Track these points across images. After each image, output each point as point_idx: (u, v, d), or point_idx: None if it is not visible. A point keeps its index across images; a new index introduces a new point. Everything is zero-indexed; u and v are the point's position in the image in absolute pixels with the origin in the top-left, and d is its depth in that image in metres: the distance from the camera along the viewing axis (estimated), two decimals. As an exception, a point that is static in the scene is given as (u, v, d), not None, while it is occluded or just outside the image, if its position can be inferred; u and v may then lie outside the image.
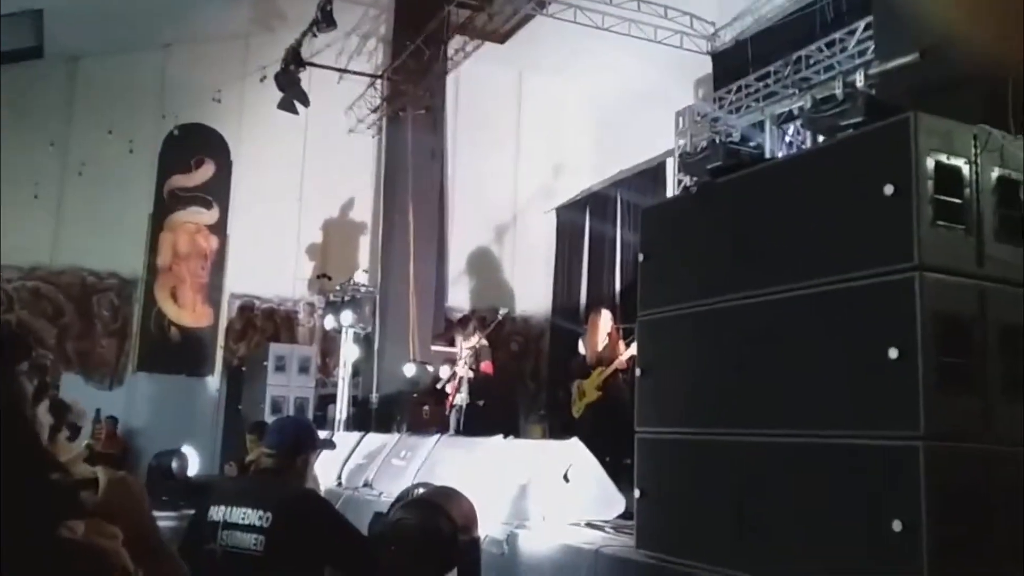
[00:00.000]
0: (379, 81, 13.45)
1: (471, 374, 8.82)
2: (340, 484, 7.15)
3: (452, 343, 10.16)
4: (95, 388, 12.65)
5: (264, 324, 13.97)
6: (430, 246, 12.97)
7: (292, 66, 11.53)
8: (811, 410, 3.48)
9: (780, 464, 3.58)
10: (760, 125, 9.81)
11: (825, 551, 3.32)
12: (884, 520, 3.07)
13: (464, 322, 9.60)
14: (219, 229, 13.86)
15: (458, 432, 8.42)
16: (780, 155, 8.75)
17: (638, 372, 4.32)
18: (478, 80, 14.02)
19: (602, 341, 7.79)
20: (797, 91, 9.16)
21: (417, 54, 11.65)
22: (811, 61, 9.25)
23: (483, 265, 14.96)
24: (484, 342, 9.01)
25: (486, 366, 9.00)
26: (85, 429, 8.61)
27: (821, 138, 4.09)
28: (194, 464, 11.02)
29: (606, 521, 5.04)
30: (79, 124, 13.14)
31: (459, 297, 14.53)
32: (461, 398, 8.76)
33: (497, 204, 15.02)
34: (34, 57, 12.53)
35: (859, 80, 3.95)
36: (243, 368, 12.99)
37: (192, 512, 3.81)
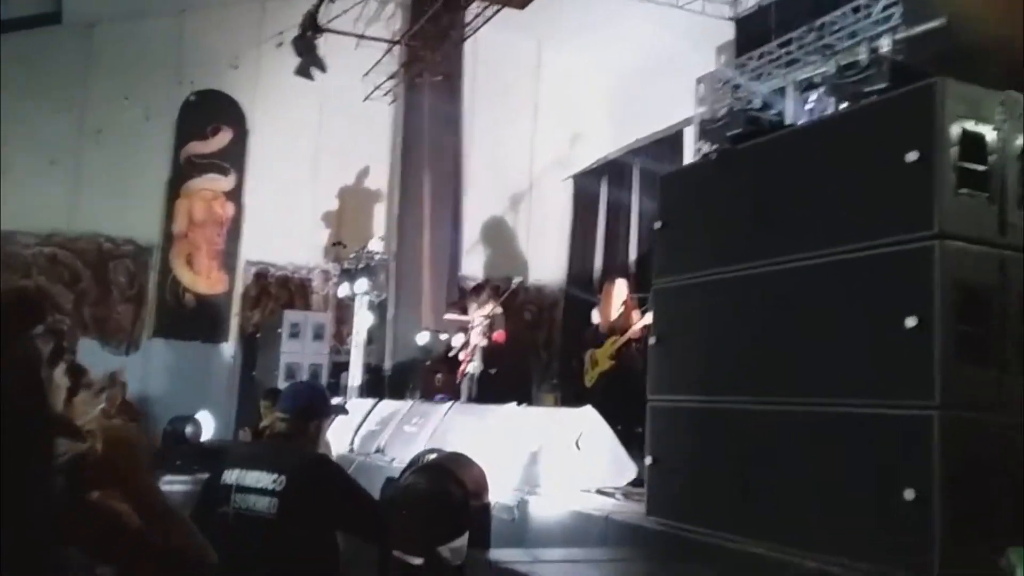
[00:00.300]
0: (396, 47, 13.35)
1: (484, 342, 8.81)
2: (352, 450, 7.19)
3: (465, 311, 10.15)
4: (111, 353, 12.71)
5: (279, 291, 13.98)
6: (445, 214, 12.93)
7: (309, 32, 11.44)
8: (826, 379, 3.45)
9: (793, 432, 3.55)
10: (782, 92, 9.66)
11: (837, 519, 3.30)
12: (896, 489, 3.04)
13: (478, 290, 9.56)
14: (235, 196, 13.84)
15: (470, 400, 8.44)
16: (801, 122, 8.64)
17: (652, 340, 4.29)
18: (496, 47, 13.88)
19: (616, 310, 7.76)
20: (820, 58, 9.01)
21: (435, 19, 11.55)
22: (835, 27, 9.08)
23: (498, 233, 14.91)
24: (498, 310, 8.99)
25: (499, 335, 8.97)
26: (106, 393, 8.69)
27: (845, 104, 4.02)
28: (208, 429, 11.10)
29: (617, 488, 5.03)
30: (96, 90, 13.10)
31: (473, 265, 14.48)
32: (474, 366, 8.75)
33: (513, 172, 14.92)
34: (52, 23, 12.53)
35: (884, 46, 3.88)
36: (258, 335, 13.03)
37: (206, 476, 3.83)
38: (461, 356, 9.06)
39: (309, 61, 11.70)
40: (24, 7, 12.10)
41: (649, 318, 5.52)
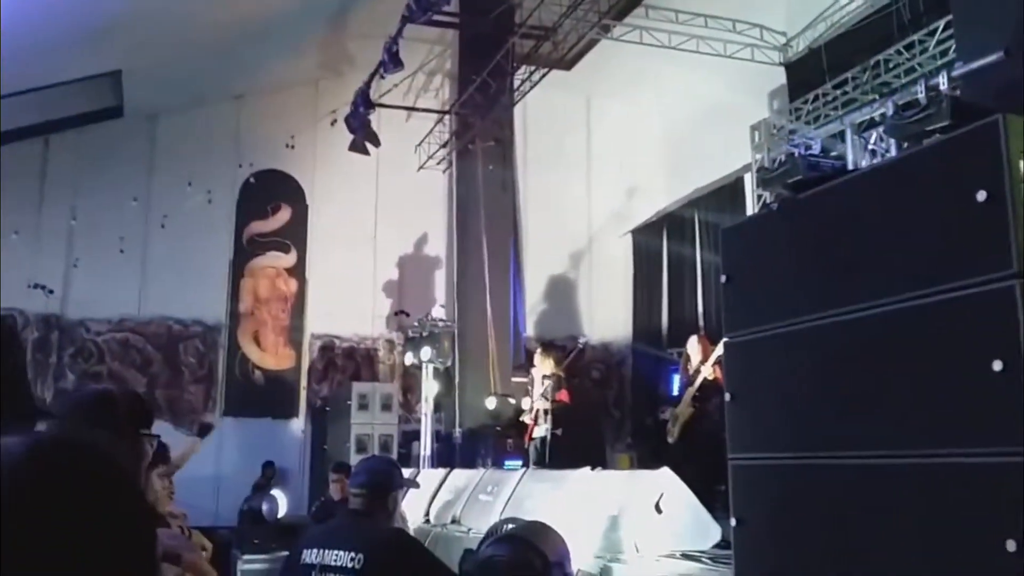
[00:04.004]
0: (447, 117, 13.57)
1: (548, 404, 8.77)
2: (428, 521, 7.13)
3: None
4: (184, 434, 12.86)
5: (345, 363, 14.11)
6: (505, 277, 12.96)
7: (361, 108, 11.69)
8: (910, 429, 3.32)
9: (880, 487, 3.42)
10: (840, 135, 9.57)
11: (933, 575, 3.16)
12: (995, 541, 2.90)
13: (545, 351, 9.52)
14: (297, 272, 14.10)
15: (539, 465, 8.36)
16: (863, 165, 8.49)
17: (727, 397, 4.20)
18: (546, 107, 14.03)
19: (694, 367, 7.73)
20: (877, 97, 8.90)
21: (483, 87, 11.72)
22: (890, 65, 9.00)
23: (560, 293, 14.90)
24: (557, 370, 8.99)
25: (562, 394, 8.94)
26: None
27: (906, 145, 3.95)
28: (283, 506, 11.12)
29: (703, 552, 4.89)
30: (159, 178, 13.54)
31: (538, 327, 14.48)
32: (541, 430, 8.70)
33: (571, 230, 14.98)
34: (115, 117, 13.01)
35: (942, 83, 3.81)
36: (327, 408, 13.12)
37: (285, 554, 3.82)
38: (526, 420, 9.02)
39: (363, 136, 11.94)
40: (87, 103, 12.59)
41: (719, 350, 5.43)
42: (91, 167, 13.06)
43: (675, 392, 8.29)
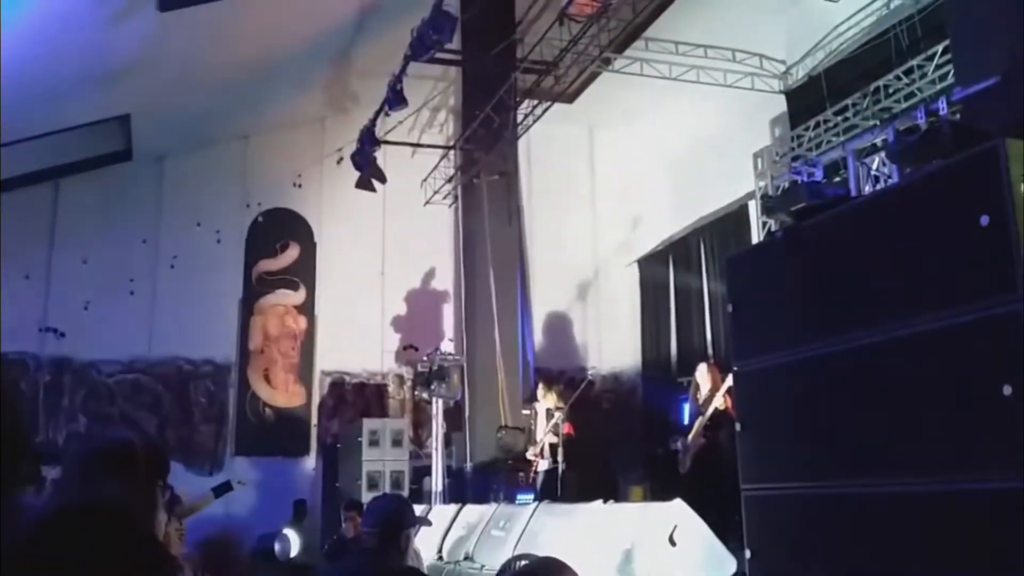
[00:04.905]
0: (452, 152, 13.65)
1: (554, 438, 8.80)
2: (441, 558, 7.09)
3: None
4: (195, 475, 12.86)
5: (355, 399, 14.09)
6: (513, 310, 12.95)
7: (367, 145, 11.77)
8: (921, 456, 3.31)
9: (893, 514, 3.40)
10: (842, 161, 9.60)
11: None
12: (1011, 567, 2.88)
13: (549, 384, 9.56)
14: (307, 309, 14.12)
15: (554, 499, 8.34)
16: (866, 190, 8.51)
17: (738, 427, 4.18)
18: (550, 140, 14.10)
19: (704, 396, 7.73)
20: (878, 122, 8.94)
21: (487, 122, 11.79)
22: (890, 90, 9.04)
23: (568, 324, 14.90)
24: (560, 404, 9.03)
25: (567, 428, 8.97)
26: None
27: (907, 171, 3.96)
28: (296, 545, 11.06)
29: (717, 583, 4.86)
30: (168, 219, 13.62)
31: (546, 358, 14.46)
32: (544, 464, 8.71)
33: (578, 261, 15.00)
34: (124, 160, 13.13)
35: (942, 108, 3.83)
36: (338, 445, 13.07)
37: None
38: (529, 455, 9.02)
39: (369, 173, 12.01)
40: (97, 147, 12.71)
41: (731, 380, 5.42)
42: (101, 210, 13.17)
43: (685, 421, 8.25)
